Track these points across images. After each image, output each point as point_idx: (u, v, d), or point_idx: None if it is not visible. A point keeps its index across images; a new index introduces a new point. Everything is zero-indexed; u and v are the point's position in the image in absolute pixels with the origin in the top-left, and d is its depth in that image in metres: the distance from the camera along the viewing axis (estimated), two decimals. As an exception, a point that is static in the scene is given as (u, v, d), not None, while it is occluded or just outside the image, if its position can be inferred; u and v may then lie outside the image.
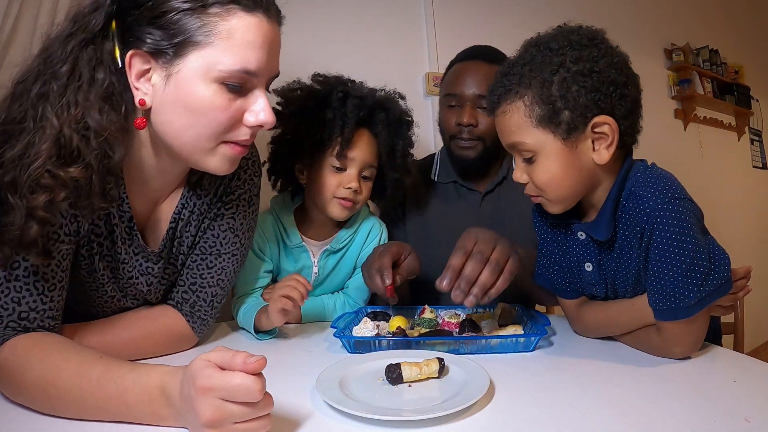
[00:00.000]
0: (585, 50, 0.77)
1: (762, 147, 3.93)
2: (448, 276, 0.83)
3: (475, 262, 0.82)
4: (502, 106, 0.82)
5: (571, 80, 0.76)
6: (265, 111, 0.75)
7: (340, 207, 1.12)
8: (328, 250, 1.17)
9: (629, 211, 0.79)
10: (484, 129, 1.25)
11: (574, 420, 0.60)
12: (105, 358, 0.64)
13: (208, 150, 0.75)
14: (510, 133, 0.82)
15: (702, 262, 0.74)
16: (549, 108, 0.77)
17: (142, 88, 0.71)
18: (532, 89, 0.78)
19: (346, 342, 0.90)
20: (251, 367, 0.53)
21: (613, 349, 0.86)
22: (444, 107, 1.31)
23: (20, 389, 0.65)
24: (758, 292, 2.20)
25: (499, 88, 0.82)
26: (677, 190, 0.76)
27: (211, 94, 0.70)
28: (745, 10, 3.85)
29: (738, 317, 1.29)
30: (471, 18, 2.07)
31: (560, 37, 0.79)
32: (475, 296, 0.81)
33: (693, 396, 0.66)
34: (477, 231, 0.88)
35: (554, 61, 0.77)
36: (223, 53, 0.69)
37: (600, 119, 0.76)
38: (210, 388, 0.52)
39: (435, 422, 0.59)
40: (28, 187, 0.64)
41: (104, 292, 0.84)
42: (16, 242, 0.66)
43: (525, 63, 0.80)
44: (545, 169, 0.80)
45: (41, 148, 0.65)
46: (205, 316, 0.94)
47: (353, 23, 1.80)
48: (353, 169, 1.11)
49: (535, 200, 0.86)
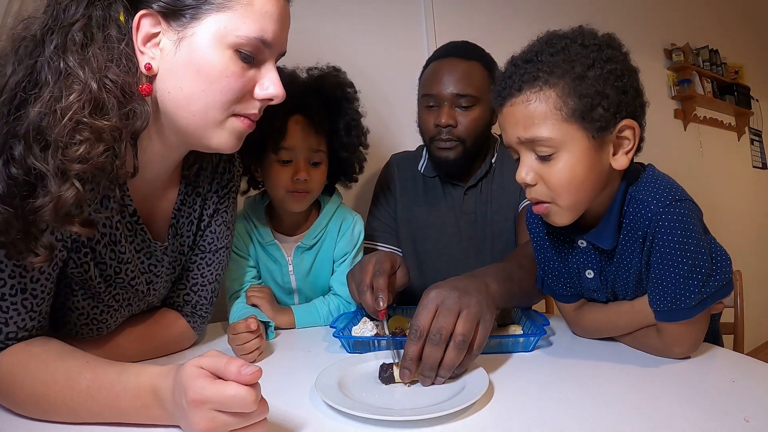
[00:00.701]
0: (615, 51, 0.74)
1: (762, 147, 3.93)
2: (406, 370, 0.70)
3: (433, 345, 0.69)
4: (524, 94, 0.74)
5: (606, 78, 0.72)
6: (276, 84, 0.73)
7: (294, 200, 1.10)
8: (300, 247, 1.15)
9: (631, 217, 0.78)
10: (464, 130, 1.22)
11: (574, 420, 0.60)
12: (92, 363, 0.63)
13: (218, 123, 0.72)
14: (530, 126, 0.74)
15: (704, 263, 0.74)
16: (586, 102, 0.71)
17: (148, 52, 0.67)
18: (565, 80, 0.72)
19: (345, 342, 0.90)
20: (245, 379, 0.51)
21: (613, 349, 0.86)
22: (422, 108, 1.27)
23: (15, 404, 0.64)
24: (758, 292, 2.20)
25: (521, 75, 0.75)
26: (678, 192, 0.76)
27: (226, 60, 0.68)
28: (745, 10, 3.85)
29: (738, 317, 1.29)
30: (471, 18, 2.07)
31: (587, 35, 0.76)
32: (442, 377, 0.70)
33: (692, 396, 0.66)
34: (438, 293, 0.74)
35: (590, 55, 0.73)
36: (243, 20, 0.68)
37: (627, 123, 0.74)
38: (203, 401, 0.51)
39: (435, 422, 0.59)
40: (62, 143, 0.59)
41: (100, 300, 0.78)
42: (53, 217, 0.59)
43: (554, 52, 0.74)
44: (568, 167, 0.73)
45: (70, 100, 0.60)
46: (206, 314, 0.95)
47: (353, 22, 1.80)
48: (298, 159, 1.08)
49: (540, 209, 0.78)
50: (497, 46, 1.32)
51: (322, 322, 1.12)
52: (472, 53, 1.27)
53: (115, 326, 0.83)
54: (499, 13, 2.18)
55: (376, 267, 0.90)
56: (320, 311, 1.13)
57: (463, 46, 1.30)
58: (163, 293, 0.92)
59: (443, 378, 0.71)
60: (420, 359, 0.70)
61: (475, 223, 1.32)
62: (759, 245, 3.66)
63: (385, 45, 1.85)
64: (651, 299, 0.78)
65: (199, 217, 0.92)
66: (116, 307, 0.81)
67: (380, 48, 1.83)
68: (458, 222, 1.33)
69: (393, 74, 1.78)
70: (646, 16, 2.97)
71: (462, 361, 0.70)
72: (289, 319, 1.10)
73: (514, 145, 0.77)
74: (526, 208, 1.12)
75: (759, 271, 3.37)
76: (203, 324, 0.95)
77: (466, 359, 0.71)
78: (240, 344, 0.86)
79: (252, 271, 1.15)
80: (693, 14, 3.37)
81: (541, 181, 0.76)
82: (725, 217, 3.20)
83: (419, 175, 1.37)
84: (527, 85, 0.74)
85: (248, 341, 0.86)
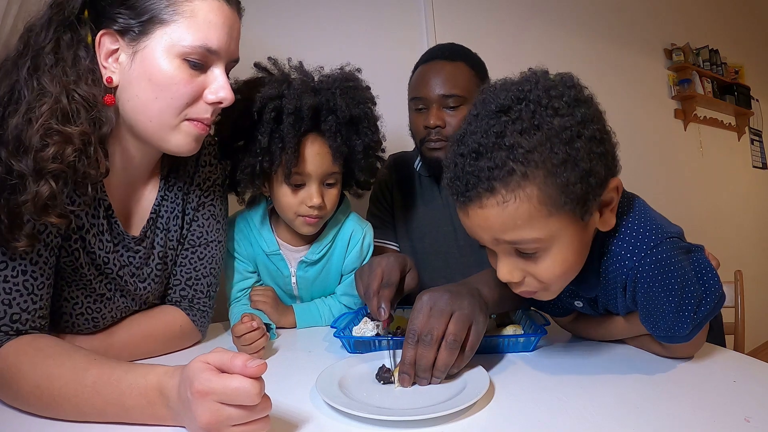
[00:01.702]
0: (585, 105, 0.64)
1: (762, 147, 3.93)
2: (405, 374, 0.71)
3: (425, 346, 0.70)
4: (497, 195, 0.61)
5: (590, 150, 0.61)
6: (225, 88, 0.79)
7: (305, 224, 1.01)
8: (305, 261, 1.08)
9: (609, 268, 0.73)
10: (452, 130, 1.23)
11: (574, 420, 0.60)
12: (99, 361, 0.64)
13: (173, 127, 0.78)
14: (510, 228, 0.63)
15: (692, 294, 0.69)
16: (573, 189, 0.61)
17: (110, 66, 0.76)
18: (546, 167, 0.60)
19: (346, 342, 0.90)
20: (251, 372, 0.53)
21: (614, 349, 0.86)
22: (412, 112, 1.30)
23: (16, 397, 0.65)
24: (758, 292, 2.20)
25: (489, 170, 0.61)
26: (653, 234, 0.69)
27: (173, 68, 0.75)
28: (745, 10, 3.85)
29: (738, 317, 1.29)
30: (471, 18, 2.07)
31: (550, 89, 0.63)
32: (437, 378, 0.71)
33: (693, 396, 0.66)
34: (430, 296, 0.73)
35: (565, 126, 0.61)
36: (187, 30, 0.74)
37: (613, 183, 0.66)
38: (207, 392, 0.52)
39: (435, 422, 0.59)
40: (36, 146, 0.67)
41: (93, 290, 0.83)
42: (32, 211, 0.67)
43: (522, 130, 0.61)
44: (559, 260, 0.65)
45: (42, 110, 0.68)
46: (205, 308, 0.95)
47: (353, 22, 1.80)
48: (311, 184, 0.98)
49: (527, 294, 0.72)
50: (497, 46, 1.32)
51: (322, 322, 1.11)
52: (457, 54, 1.28)
53: (111, 319, 0.86)
54: (499, 13, 2.18)
55: (385, 278, 0.89)
56: (321, 311, 1.12)
57: (449, 47, 1.32)
58: (158, 289, 0.93)
59: (438, 379, 0.71)
60: None
61: None
62: (759, 245, 3.66)
63: (385, 47, 1.85)
64: (646, 327, 0.75)
65: (183, 211, 0.94)
66: (109, 296, 0.85)
67: (380, 50, 1.84)
68: (453, 220, 1.34)
69: (393, 76, 1.77)
70: (646, 16, 2.97)
71: (455, 362, 0.71)
72: (291, 319, 1.09)
73: (489, 245, 0.68)
74: None
75: (759, 271, 3.37)
76: (204, 319, 0.95)
77: (459, 360, 0.71)
78: (247, 344, 0.85)
79: (253, 278, 1.11)
80: (693, 14, 3.37)
81: (529, 275, 0.68)
82: (725, 217, 3.20)
83: (415, 173, 1.39)
84: (500, 183, 0.61)
85: (255, 340, 0.85)
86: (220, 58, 0.78)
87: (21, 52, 0.73)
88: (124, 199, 0.88)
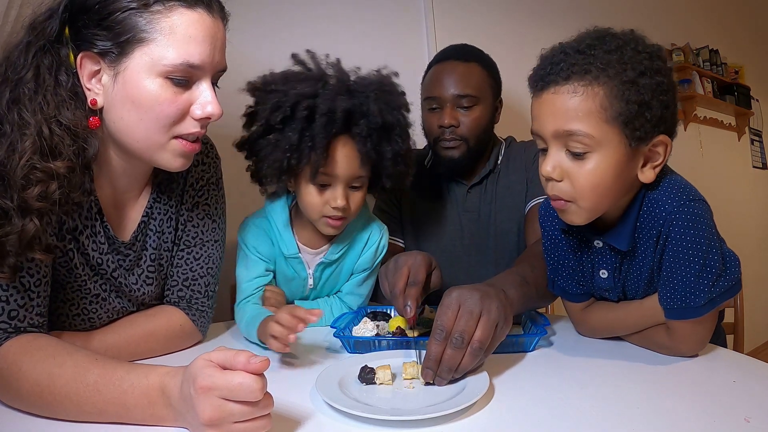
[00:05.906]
0: (664, 65, 0.73)
1: (762, 147, 3.93)
2: (429, 369, 0.71)
3: (455, 348, 0.70)
4: (571, 84, 0.71)
5: (654, 89, 0.71)
6: (212, 103, 0.76)
7: (329, 225, 1.01)
8: (323, 263, 1.09)
9: (646, 216, 0.78)
10: (466, 129, 1.26)
11: (574, 420, 0.60)
12: (100, 361, 0.64)
13: (161, 145, 0.77)
14: (571, 118, 0.71)
15: (715, 263, 0.74)
16: (632, 108, 0.70)
17: (93, 88, 0.74)
18: (615, 81, 0.70)
19: (346, 342, 0.90)
20: (254, 368, 0.53)
21: (613, 348, 0.86)
22: (425, 111, 1.32)
23: (17, 396, 0.65)
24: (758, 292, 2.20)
25: (571, 65, 0.71)
26: (692, 192, 0.75)
27: (156, 88, 0.72)
28: (745, 10, 3.85)
29: (738, 317, 1.29)
30: (471, 18, 2.07)
31: (640, 41, 0.73)
32: (453, 378, 0.72)
33: (693, 396, 0.66)
34: (460, 293, 0.74)
35: (642, 62, 0.70)
36: (167, 48, 0.71)
37: (662, 138, 0.73)
38: (210, 387, 0.52)
39: (435, 422, 0.59)
40: (19, 185, 0.66)
41: (87, 290, 0.82)
42: (17, 246, 0.66)
43: (609, 50, 0.71)
44: (599, 169, 0.72)
45: (25, 146, 0.67)
46: (204, 308, 0.95)
47: (353, 22, 1.80)
48: (337, 185, 0.98)
49: (559, 204, 0.77)
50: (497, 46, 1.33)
51: (323, 322, 1.11)
52: (471, 55, 1.30)
53: (108, 320, 0.86)
54: (499, 13, 2.17)
55: (412, 276, 0.89)
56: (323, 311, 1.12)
57: (462, 48, 1.34)
58: (153, 291, 0.92)
59: (447, 379, 0.71)
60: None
61: (478, 221, 1.34)
62: (759, 245, 3.66)
63: (385, 48, 1.85)
64: (661, 297, 0.78)
65: (176, 213, 0.93)
66: (104, 296, 0.85)
67: (381, 51, 1.83)
68: (460, 219, 1.35)
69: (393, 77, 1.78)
70: (646, 16, 2.96)
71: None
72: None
73: (547, 135, 0.74)
74: (536, 207, 1.11)
75: (759, 271, 3.37)
76: (204, 319, 0.95)
77: (477, 362, 0.72)
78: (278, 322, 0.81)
79: (269, 276, 1.08)
80: (693, 14, 3.37)
81: (567, 178, 0.74)
82: (725, 217, 3.19)
83: (425, 171, 1.39)
84: (576, 77, 0.71)
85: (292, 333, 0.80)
86: (204, 72, 0.75)
87: (2, 79, 0.71)
88: (116, 205, 0.87)
